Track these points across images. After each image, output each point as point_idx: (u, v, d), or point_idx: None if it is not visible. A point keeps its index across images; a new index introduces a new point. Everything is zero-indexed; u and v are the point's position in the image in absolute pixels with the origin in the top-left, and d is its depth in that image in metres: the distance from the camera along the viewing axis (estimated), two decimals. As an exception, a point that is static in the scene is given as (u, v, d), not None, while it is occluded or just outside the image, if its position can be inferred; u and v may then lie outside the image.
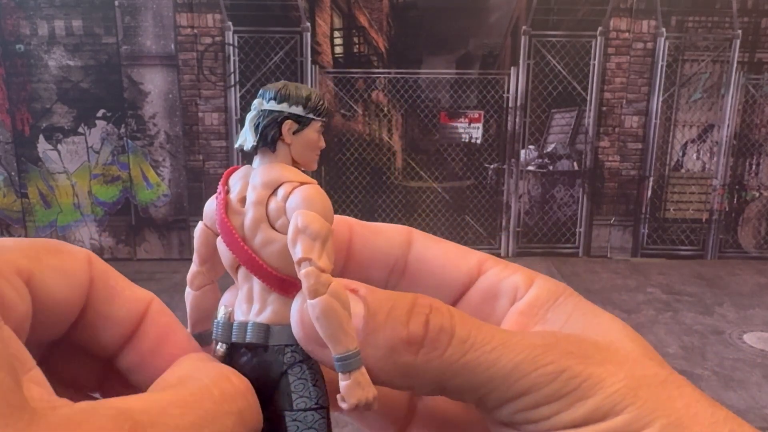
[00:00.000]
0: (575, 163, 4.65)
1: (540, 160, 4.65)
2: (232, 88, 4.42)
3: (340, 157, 4.56)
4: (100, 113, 4.41)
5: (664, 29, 4.41)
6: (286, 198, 0.28)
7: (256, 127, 0.28)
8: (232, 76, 4.40)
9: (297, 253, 0.26)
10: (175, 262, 4.51)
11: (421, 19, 4.46)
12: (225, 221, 0.29)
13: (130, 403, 0.22)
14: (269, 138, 0.28)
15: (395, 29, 4.49)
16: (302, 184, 0.28)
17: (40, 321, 0.25)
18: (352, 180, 4.60)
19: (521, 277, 0.32)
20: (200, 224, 0.31)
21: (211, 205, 0.30)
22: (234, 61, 4.37)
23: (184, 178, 4.55)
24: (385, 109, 4.57)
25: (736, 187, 4.67)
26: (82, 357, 0.30)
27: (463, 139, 4.63)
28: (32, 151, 4.42)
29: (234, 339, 0.29)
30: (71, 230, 4.55)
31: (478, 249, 0.34)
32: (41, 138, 4.40)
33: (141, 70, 4.37)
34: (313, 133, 0.29)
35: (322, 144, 0.30)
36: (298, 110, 0.28)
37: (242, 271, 0.29)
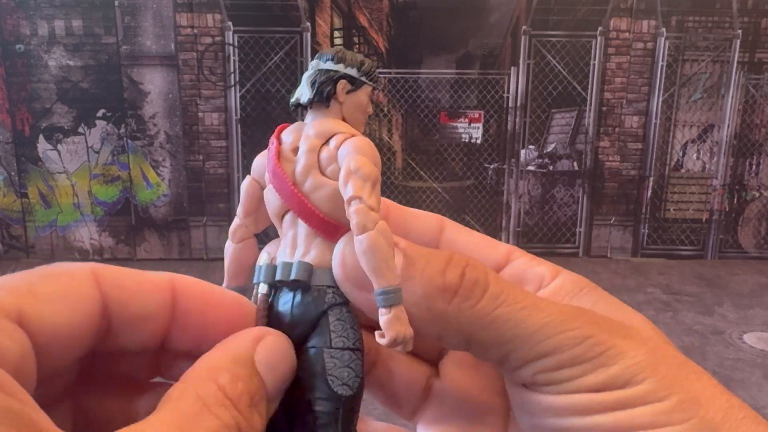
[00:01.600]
0: (575, 163, 4.65)
1: (540, 160, 4.65)
2: (232, 88, 4.42)
3: (340, 157, 4.56)
4: (100, 113, 4.41)
5: (664, 29, 4.41)
6: (338, 147, 0.29)
7: (313, 83, 0.30)
8: (232, 76, 4.40)
9: (348, 191, 0.27)
10: (175, 262, 4.51)
11: (421, 19, 4.46)
12: (278, 166, 0.30)
13: None
14: (325, 94, 0.30)
15: (395, 29, 4.49)
16: (353, 136, 0.29)
17: (53, 350, 0.25)
18: (352, 180, 4.60)
19: (547, 268, 0.33)
20: (248, 178, 0.32)
21: (260, 159, 0.32)
22: (234, 61, 4.37)
23: (184, 178, 4.55)
24: (385, 109, 4.57)
25: (736, 187, 4.67)
26: (128, 351, 0.29)
27: (463, 139, 4.63)
28: (32, 151, 4.42)
29: (278, 278, 0.30)
30: (71, 230, 4.55)
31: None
32: (41, 138, 4.40)
33: (141, 70, 4.37)
34: (364, 96, 0.31)
35: (370, 110, 0.31)
36: (353, 72, 0.30)
37: (288, 217, 0.30)
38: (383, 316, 0.27)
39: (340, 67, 0.30)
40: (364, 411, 0.30)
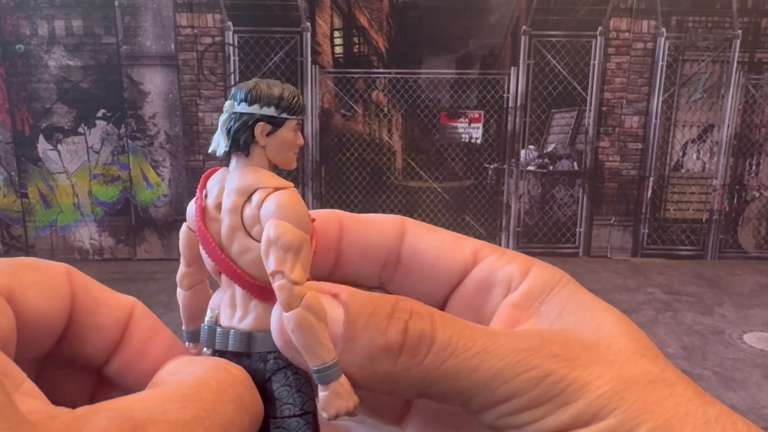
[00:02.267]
0: (575, 163, 4.65)
1: (540, 160, 4.65)
2: (232, 88, 4.42)
3: (340, 157, 4.56)
4: (100, 113, 4.41)
5: (664, 29, 4.41)
6: (260, 205, 0.27)
7: (228, 131, 0.27)
8: (232, 76, 4.40)
9: (270, 265, 0.25)
10: (175, 262, 4.45)
11: (421, 19, 4.46)
12: (202, 229, 0.28)
13: (128, 403, 0.22)
14: (241, 142, 0.27)
15: (395, 29, 4.49)
16: (276, 189, 0.27)
17: (25, 337, 0.25)
18: (352, 180, 4.60)
19: (516, 267, 0.31)
20: (184, 226, 0.30)
21: (191, 209, 0.29)
22: (234, 61, 4.37)
23: (184, 178, 4.55)
24: (385, 109, 4.57)
25: (736, 187, 4.67)
26: (70, 373, 0.30)
27: (463, 139, 4.63)
28: (32, 151, 4.42)
29: (217, 347, 0.28)
30: (71, 230, 4.55)
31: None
32: (41, 138, 4.40)
33: (141, 70, 4.38)
34: (288, 132, 0.28)
35: (300, 141, 0.28)
36: (270, 111, 0.27)
37: (224, 276, 0.29)
38: (322, 393, 0.25)
39: (255, 109, 0.27)
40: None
